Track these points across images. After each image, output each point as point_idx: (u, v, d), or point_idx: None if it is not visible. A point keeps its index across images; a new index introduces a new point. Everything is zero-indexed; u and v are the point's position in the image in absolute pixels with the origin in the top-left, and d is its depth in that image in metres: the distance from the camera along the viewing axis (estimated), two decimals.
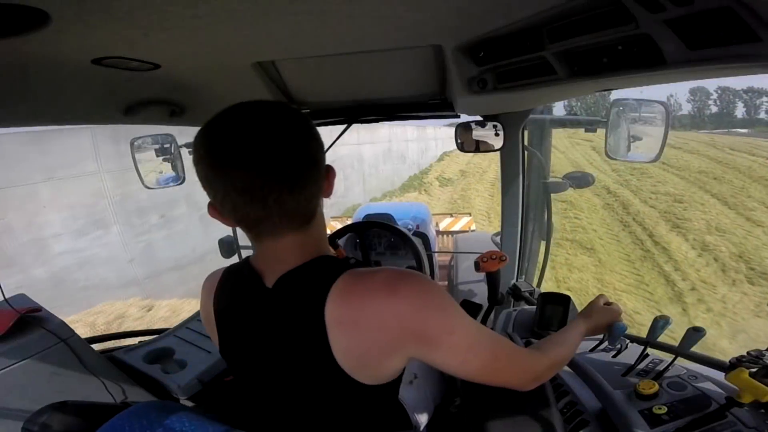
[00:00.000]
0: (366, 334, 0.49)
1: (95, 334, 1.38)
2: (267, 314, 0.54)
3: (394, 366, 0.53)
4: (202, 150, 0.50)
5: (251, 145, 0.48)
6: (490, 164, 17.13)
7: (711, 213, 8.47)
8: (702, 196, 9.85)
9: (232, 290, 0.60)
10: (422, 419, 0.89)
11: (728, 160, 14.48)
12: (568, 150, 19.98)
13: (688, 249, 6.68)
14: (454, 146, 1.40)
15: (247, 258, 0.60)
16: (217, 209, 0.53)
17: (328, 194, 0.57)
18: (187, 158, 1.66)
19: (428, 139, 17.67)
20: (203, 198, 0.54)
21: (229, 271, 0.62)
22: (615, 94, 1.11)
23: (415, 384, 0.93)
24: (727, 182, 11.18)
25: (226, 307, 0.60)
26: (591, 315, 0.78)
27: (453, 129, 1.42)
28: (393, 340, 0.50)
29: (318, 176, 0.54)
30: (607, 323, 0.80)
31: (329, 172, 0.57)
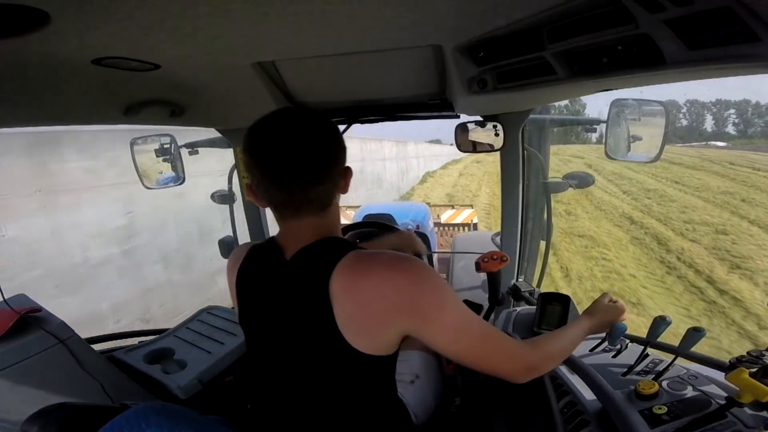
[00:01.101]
0: (366, 302, 0.56)
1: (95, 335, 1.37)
2: (283, 283, 0.62)
3: (388, 337, 0.59)
4: (248, 143, 0.61)
5: (284, 144, 0.59)
6: (480, 185, 15.74)
7: (767, 246, 6.95)
8: (741, 224, 8.38)
9: (255, 262, 0.68)
10: (423, 419, 0.89)
11: (741, 177, 13.54)
12: (560, 168, 16.82)
13: (764, 297, 5.14)
14: (438, 164, 1.40)
15: (272, 237, 0.69)
16: (254, 192, 0.64)
17: (344, 191, 0.67)
18: (187, 158, 1.66)
19: (409, 157, 15.14)
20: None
21: (254, 247, 0.71)
22: (615, 94, 1.11)
23: (417, 384, 0.93)
24: (760, 205, 9.81)
25: (248, 278, 0.68)
26: (595, 313, 0.79)
27: (435, 146, 1.42)
28: (389, 310, 0.56)
29: (336, 174, 0.64)
30: (611, 321, 0.81)
31: (347, 171, 0.66)
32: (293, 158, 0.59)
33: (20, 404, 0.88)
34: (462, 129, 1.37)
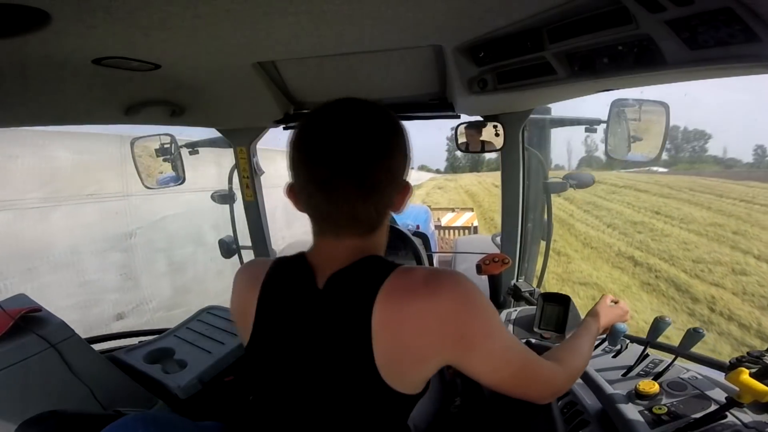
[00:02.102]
0: (407, 335, 0.48)
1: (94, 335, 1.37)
2: (314, 314, 0.53)
3: (427, 373, 0.52)
4: (297, 137, 0.52)
5: (340, 147, 0.50)
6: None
7: None
8: (748, 261, 7.30)
9: (282, 283, 0.58)
10: (422, 426, 0.88)
11: (716, 206, 12.69)
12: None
13: None
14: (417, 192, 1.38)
15: (302, 253, 0.58)
16: (295, 193, 0.55)
17: (398, 210, 0.57)
18: (187, 158, 1.67)
19: None
20: None
21: (280, 263, 0.60)
22: (615, 95, 1.11)
23: None
24: (754, 237, 8.93)
25: (272, 300, 0.57)
26: (600, 315, 0.78)
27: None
28: (433, 343, 0.49)
29: (392, 190, 0.54)
30: (615, 321, 0.80)
31: (406, 188, 0.56)
32: (353, 167, 0.49)
33: (19, 404, 0.87)
34: (462, 129, 1.37)
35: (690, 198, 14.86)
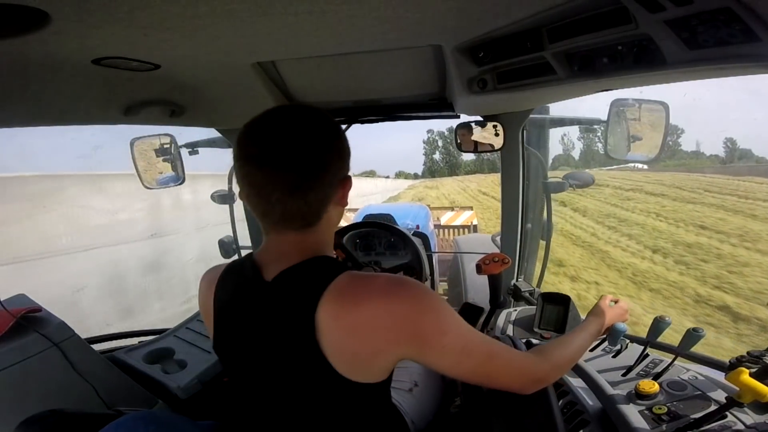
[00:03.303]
0: (360, 332, 0.51)
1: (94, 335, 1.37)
2: (262, 307, 0.56)
3: (385, 365, 0.55)
4: (238, 143, 0.56)
5: (266, 146, 0.53)
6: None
7: None
8: None
9: (232, 283, 0.61)
10: (421, 425, 0.88)
11: (729, 205, 10.98)
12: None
13: None
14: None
15: (251, 253, 0.62)
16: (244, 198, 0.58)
17: (341, 203, 0.59)
18: (187, 158, 1.66)
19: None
20: None
21: (231, 266, 0.63)
22: (615, 94, 1.11)
23: (415, 392, 0.92)
24: None
25: (225, 301, 0.61)
26: (599, 315, 0.78)
27: (366, 180, 1.39)
28: (388, 339, 0.52)
29: (327, 183, 0.56)
30: (615, 321, 0.80)
31: (346, 181, 0.58)
32: (275, 162, 0.52)
33: (18, 404, 0.87)
34: (462, 129, 1.37)
35: (721, 203, 11.80)
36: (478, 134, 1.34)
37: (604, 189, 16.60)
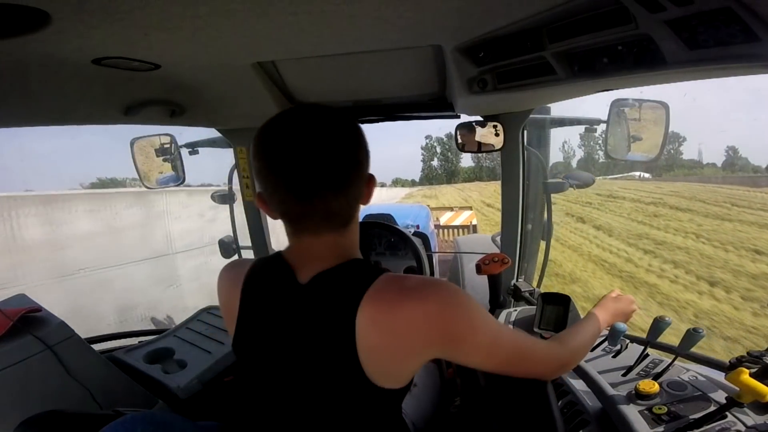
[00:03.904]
0: (398, 335, 0.51)
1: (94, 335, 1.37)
2: (297, 310, 0.55)
3: (413, 368, 0.56)
4: (260, 147, 0.54)
5: (303, 148, 0.52)
6: None
7: None
8: None
9: (261, 283, 0.60)
10: (420, 425, 0.88)
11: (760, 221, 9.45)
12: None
13: None
14: None
15: (279, 252, 0.61)
16: (264, 201, 0.57)
17: (366, 201, 0.60)
18: (187, 158, 1.66)
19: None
20: None
21: (258, 265, 0.62)
22: (615, 94, 1.10)
23: (415, 392, 0.93)
24: None
25: (253, 300, 0.60)
26: (606, 306, 0.80)
27: None
28: (422, 340, 0.52)
29: (360, 182, 0.57)
30: (623, 312, 0.82)
31: (370, 179, 0.59)
32: (316, 163, 0.51)
33: (17, 404, 0.87)
34: (463, 129, 1.37)
35: (757, 220, 10.22)
36: (479, 134, 1.34)
37: (623, 202, 15.37)
